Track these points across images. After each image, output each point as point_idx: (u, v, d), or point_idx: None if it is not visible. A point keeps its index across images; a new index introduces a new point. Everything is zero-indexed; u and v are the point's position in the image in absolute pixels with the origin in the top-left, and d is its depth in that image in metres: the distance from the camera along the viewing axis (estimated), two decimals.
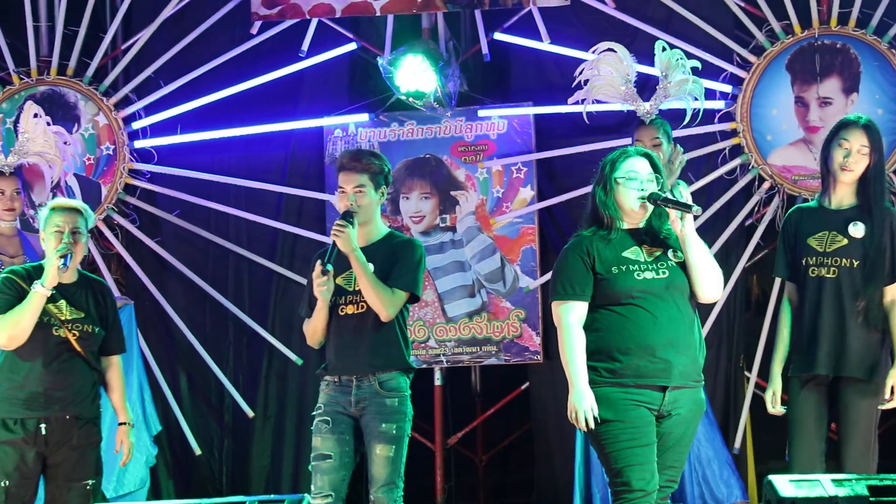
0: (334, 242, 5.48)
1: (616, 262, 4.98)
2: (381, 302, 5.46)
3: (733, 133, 8.12)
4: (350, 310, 5.55)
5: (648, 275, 4.95)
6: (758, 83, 8.07)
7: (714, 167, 8.13)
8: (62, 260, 5.60)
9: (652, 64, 7.11)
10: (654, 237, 5.06)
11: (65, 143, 7.84)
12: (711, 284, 5.00)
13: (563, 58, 8.10)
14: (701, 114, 7.16)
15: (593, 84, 7.17)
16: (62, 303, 5.75)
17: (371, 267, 5.50)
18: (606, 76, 7.14)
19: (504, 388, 8.76)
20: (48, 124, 7.58)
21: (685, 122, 7.11)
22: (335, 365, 5.57)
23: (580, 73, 7.22)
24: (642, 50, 7.28)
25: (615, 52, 7.15)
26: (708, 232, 7.94)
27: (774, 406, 5.75)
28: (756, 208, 8.12)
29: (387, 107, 8.58)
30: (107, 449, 6.02)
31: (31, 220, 8.23)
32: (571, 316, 4.99)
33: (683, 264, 4.99)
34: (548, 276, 8.12)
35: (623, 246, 5.03)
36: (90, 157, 8.52)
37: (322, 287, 5.48)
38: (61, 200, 5.92)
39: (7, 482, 5.60)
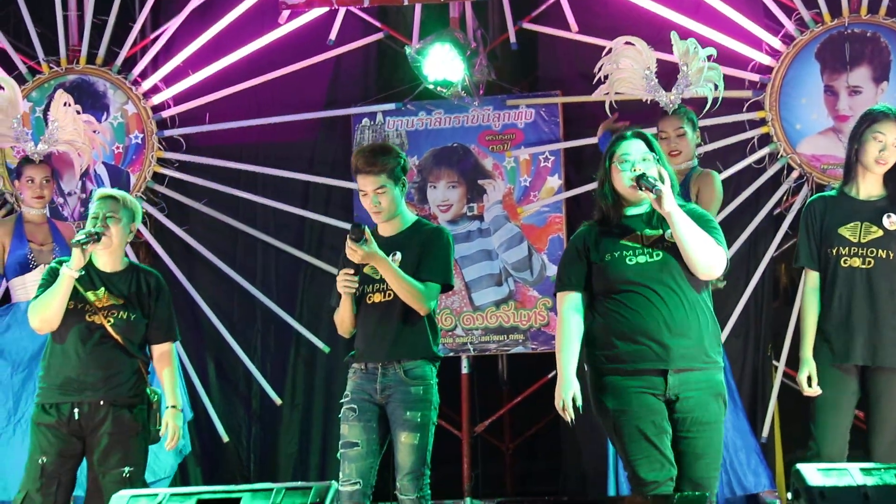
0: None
1: (611, 250, 5.00)
2: (417, 298, 5.45)
3: (762, 122, 8.09)
4: (377, 298, 5.56)
5: (641, 259, 4.95)
6: (787, 72, 8.03)
7: (742, 156, 8.10)
8: (87, 238, 5.62)
9: None
10: (658, 219, 5.03)
11: (94, 131, 7.87)
12: (701, 261, 4.90)
13: (590, 47, 8.07)
14: (720, 100, 7.14)
15: (614, 78, 7.20)
16: (101, 290, 5.80)
17: (399, 256, 5.50)
18: (627, 69, 7.17)
19: (531, 376, 8.75)
20: (78, 113, 7.62)
21: (706, 109, 7.10)
22: (362, 352, 5.58)
23: (600, 68, 7.24)
24: (671, 39, 7.26)
25: (633, 45, 7.16)
26: (736, 221, 7.94)
27: (811, 387, 5.69)
28: (784, 197, 8.10)
29: (414, 96, 8.58)
30: None
31: (60, 208, 8.28)
32: (564, 306, 5.08)
33: None
34: None
35: (624, 232, 5.03)
36: (119, 146, 8.55)
37: (348, 288, 5.49)
38: (102, 190, 5.99)
39: (45, 459, 5.66)
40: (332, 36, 8.51)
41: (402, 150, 8.46)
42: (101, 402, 5.70)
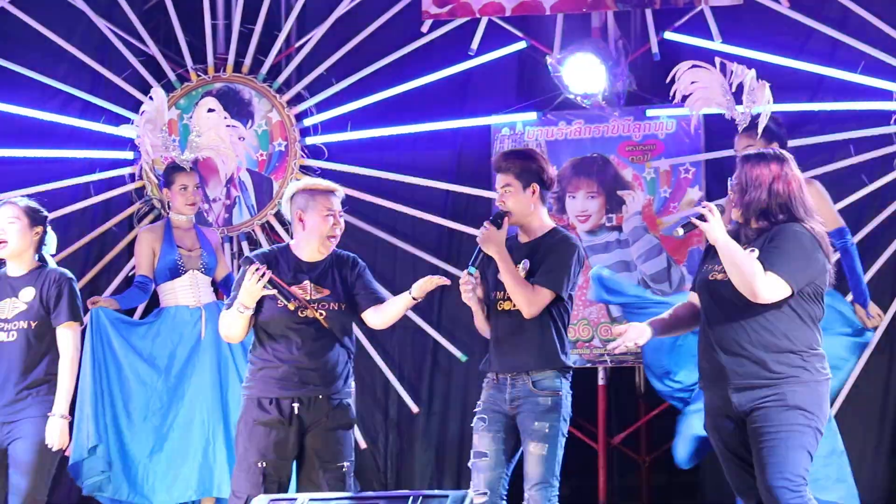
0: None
1: (709, 263, 4.99)
2: (523, 300, 5.41)
3: None
4: (507, 305, 5.54)
5: (718, 276, 4.91)
6: None
7: (889, 169, 7.96)
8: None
9: (828, 64, 7.03)
10: (745, 239, 5.02)
11: (240, 138, 7.98)
12: (739, 285, 4.79)
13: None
14: (763, 123, 6.87)
15: (695, 88, 7.11)
16: (306, 283, 5.66)
17: (527, 265, 5.47)
18: (705, 83, 7.07)
19: None
20: (224, 118, 7.72)
21: (761, 132, 6.82)
22: (492, 361, 5.58)
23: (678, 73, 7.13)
24: (817, 50, 7.19)
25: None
26: (882, 236, 7.81)
27: None
28: None
29: (554, 106, 8.57)
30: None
31: (206, 214, 8.44)
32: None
33: None
34: None
35: None
36: (262, 153, 8.69)
37: (467, 293, 5.52)
38: (319, 182, 5.88)
39: (264, 463, 5.51)
40: (474, 45, 8.54)
41: None
42: (320, 397, 5.58)
